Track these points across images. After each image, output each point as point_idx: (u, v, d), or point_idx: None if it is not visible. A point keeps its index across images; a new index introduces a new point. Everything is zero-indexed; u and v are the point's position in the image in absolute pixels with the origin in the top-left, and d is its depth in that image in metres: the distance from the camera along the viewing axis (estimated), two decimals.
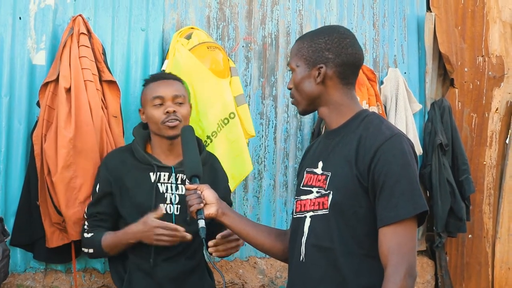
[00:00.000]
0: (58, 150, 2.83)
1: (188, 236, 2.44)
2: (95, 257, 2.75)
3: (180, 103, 2.65)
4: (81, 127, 2.88)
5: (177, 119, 2.60)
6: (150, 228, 2.46)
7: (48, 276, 3.12)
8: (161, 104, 2.63)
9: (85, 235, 2.64)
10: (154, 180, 2.60)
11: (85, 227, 2.66)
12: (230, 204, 2.82)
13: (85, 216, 2.69)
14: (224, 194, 2.72)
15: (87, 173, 2.88)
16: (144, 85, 2.78)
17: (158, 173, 2.61)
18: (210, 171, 2.72)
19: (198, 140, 2.74)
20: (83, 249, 2.67)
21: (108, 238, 2.58)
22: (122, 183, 2.61)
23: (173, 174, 2.62)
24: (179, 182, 2.62)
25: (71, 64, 2.94)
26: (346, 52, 1.97)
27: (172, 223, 2.54)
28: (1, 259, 2.66)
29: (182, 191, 2.61)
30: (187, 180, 2.56)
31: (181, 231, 2.46)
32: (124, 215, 2.63)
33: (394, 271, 1.78)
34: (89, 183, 2.87)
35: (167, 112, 2.60)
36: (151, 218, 2.47)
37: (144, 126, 2.76)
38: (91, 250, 2.63)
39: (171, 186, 2.61)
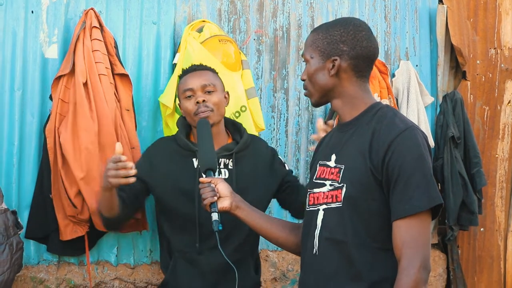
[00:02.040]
0: (83, 146, 2.85)
1: (130, 164, 2.30)
2: (106, 225, 2.66)
3: (210, 91, 2.66)
4: (101, 122, 2.91)
5: (208, 109, 2.61)
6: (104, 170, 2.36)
7: (61, 268, 3.14)
8: (191, 96, 2.65)
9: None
10: (197, 166, 2.62)
11: None
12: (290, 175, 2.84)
13: None
14: (280, 165, 2.79)
15: None
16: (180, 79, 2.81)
17: None
18: (254, 152, 2.74)
19: (238, 125, 2.80)
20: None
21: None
22: (163, 170, 2.63)
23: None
24: (221, 166, 2.64)
25: (85, 58, 2.95)
26: (361, 45, 1.96)
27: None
28: (15, 251, 2.68)
29: (225, 175, 2.62)
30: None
31: (122, 158, 2.30)
32: (166, 200, 2.64)
33: (408, 264, 1.78)
34: None
35: (197, 102, 2.62)
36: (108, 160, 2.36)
37: None
38: (101, 220, 2.62)
39: (221, 178, 2.61)
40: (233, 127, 2.80)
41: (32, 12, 3.08)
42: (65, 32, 3.14)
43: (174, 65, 3.30)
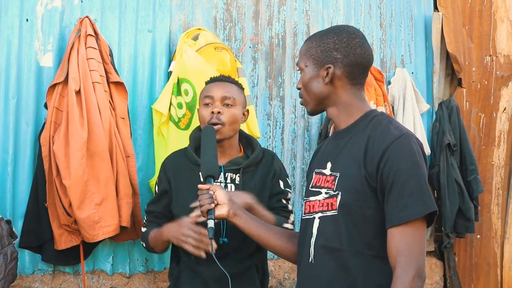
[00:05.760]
0: (71, 153, 2.84)
1: (203, 255, 2.38)
2: (148, 251, 2.74)
3: (229, 105, 2.62)
4: (92, 130, 2.89)
5: (219, 122, 2.57)
6: (180, 227, 2.42)
7: (56, 278, 3.13)
8: (210, 104, 2.62)
9: (142, 229, 2.70)
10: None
11: (144, 221, 2.72)
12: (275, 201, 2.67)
13: (145, 212, 2.73)
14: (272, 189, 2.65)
15: (100, 175, 2.89)
16: None
17: None
18: (264, 168, 2.67)
19: (251, 139, 2.74)
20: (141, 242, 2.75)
21: (152, 234, 2.61)
22: (176, 183, 2.63)
23: (222, 173, 2.60)
24: (228, 181, 2.61)
25: (79, 66, 2.95)
26: (354, 52, 1.96)
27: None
28: (9, 261, 2.67)
29: (231, 190, 2.58)
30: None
31: (206, 241, 2.37)
32: (174, 211, 2.63)
33: (402, 273, 1.77)
34: (102, 185, 2.88)
35: (212, 112, 2.59)
36: (186, 219, 2.41)
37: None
38: (144, 244, 2.68)
39: (220, 185, 2.59)
40: (246, 141, 2.76)
41: (27, 20, 3.08)
42: (60, 40, 3.14)
43: (169, 73, 3.30)
